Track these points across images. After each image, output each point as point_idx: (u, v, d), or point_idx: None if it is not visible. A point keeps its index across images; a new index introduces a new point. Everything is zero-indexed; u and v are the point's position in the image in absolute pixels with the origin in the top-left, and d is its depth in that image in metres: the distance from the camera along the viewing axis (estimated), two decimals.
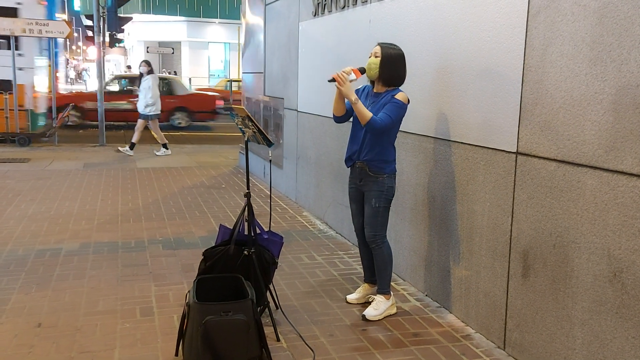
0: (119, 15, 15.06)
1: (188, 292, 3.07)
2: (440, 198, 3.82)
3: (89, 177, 8.21)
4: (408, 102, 3.50)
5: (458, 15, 3.58)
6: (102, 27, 14.12)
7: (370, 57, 3.56)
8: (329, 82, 3.57)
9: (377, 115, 3.44)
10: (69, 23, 12.31)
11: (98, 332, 3.35)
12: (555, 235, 2.84)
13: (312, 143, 6.21)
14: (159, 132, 10.52)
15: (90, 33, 15.66)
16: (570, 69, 2.73)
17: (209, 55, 35.96)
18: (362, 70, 3.58)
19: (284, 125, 7.19)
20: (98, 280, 4.17)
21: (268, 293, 3.53)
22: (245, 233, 3.49)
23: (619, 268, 2.50)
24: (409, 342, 3.34)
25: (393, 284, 3.98)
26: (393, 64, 3.53)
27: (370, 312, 3.63)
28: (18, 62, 11.08)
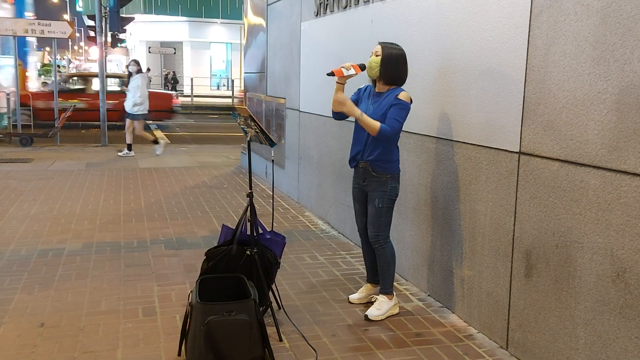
0: (121, 16, 15.08)
1: (190, 292, 3.07)
2: (443, 198, 3.81)
3: (91, 177, 8.22)
4: (411, 101, 3.50)
5: (460, 15, 3.58)
6: (104, 27, 14.12)
7: (371, 56, 3.56)
8: (328, 75, 3.57)
9: (379, 115, 3.44)
10: (71, 23, 12.33)
11: (101, 332, 3.35)
12: (558, 235, 2.84)
13: (314, 143, 6.21)
14: (144, 132, 10.41)
15: (93, 33, 15.67)
16: (573, 69, 2.72)
17: (211, 56, 35.98)
18: (362, 67, 3.57)
19: (286, 125, 7.19)
20: (100, 280, 4.18)
21: (270, 293, 3.53)
22: (248, 233, 3.49)
23: (622, 268, 2.49)
24: (412, 342, 3.34)
25: (395, 284, 3.98)
26: (394, 63, 3.52)
27: (373, 312, 3.63)
28: None
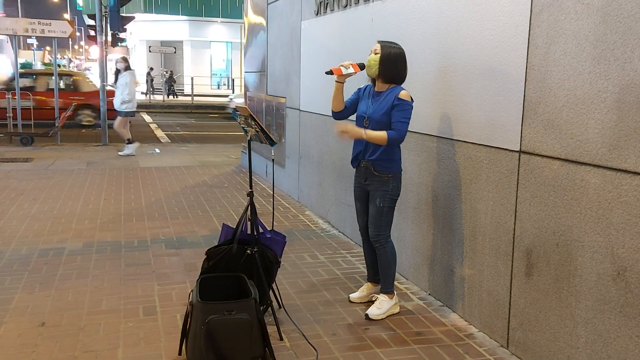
0: (121, 15, 15.07)
1: (191, 291, 3.07)
2: (443, 197, 3.81)
3: (92, 176, 8.22)
4: (412, 99, 3.50)
5: (461, 14, 3.57)
6: (104, 26, 14.12)
7: (371, 54, 3.56)
8: (327, 74, 3.57)
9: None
10: (72, 22, 12.33)
11: (101, 331, 3.35)
12: (559, 234, 2.84)
13: (314, 142, 6.21)
14: (123, 130, 10.31)
15: (93, 32, 15.66)
16: (574, 68, 2.72)
17: (211, 55, 35.96)
18: (361, 66, 3.57)
19: (286, 124, 7.19)
20: (101, 280, 4.18)
21: (271, 292, 3.53)
22: (248, 232, 3.49)
23: (623, 267, 2.49)
24: (412, 341, 3.34)
25: (396, 283, 3.98)
26: (393, 62, 3.51)
27: (374, 311, 3.63)
28: None
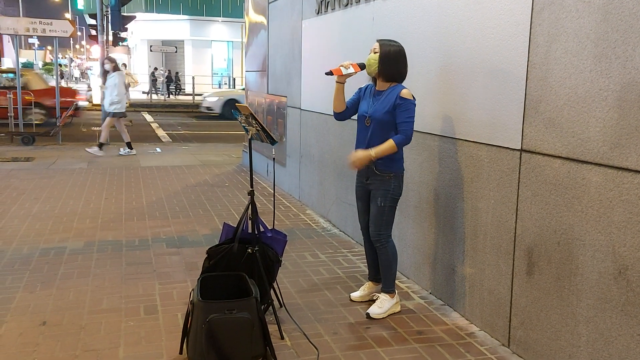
0: (122, 14, 15.05)
1: (192, 290, 3.07)
2: (445, 196, 3.81)
3: (93, 175, 8.23)
4: (414, 97, 3.49)
5: (462, 12, 3.57)
6: (105, 26, 14.12)
7: (370, 53, 3.55)
8: (327, 75, 3.57)
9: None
10: (73, 22, 12.34)
11: (102, 330, 3.36)
12: (560, 233, 2.84)
13: (315, 141, 6.21)
14: (107, 130, 10.21)
15: (94, 32, 15.65)
16: (575, 66, 2.72)
17: (212, 54, 35.97)
18: (361, 66, 3.57)
19: (287, 123, 7.19)
20: (102, 279, 4.18)
21: (272, 291, 3.53)
22: (249, 231, 3.49)
23: (624, 265, 2.49)
24: (413, 340, 3.34)
25: (397, 282, 3.98)
26: (392, 60, 3.50)
27: (375, 310, 3.62)
28: None
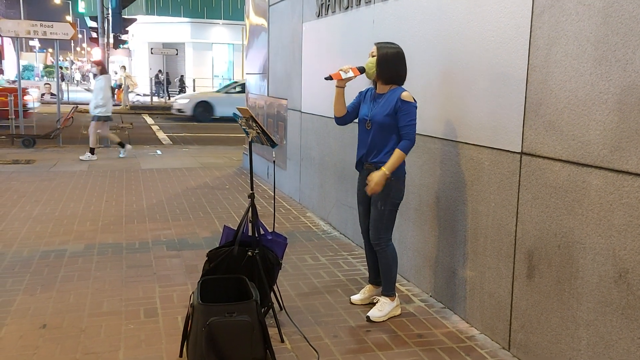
0: (123, 17, 15.11)
1: (192, 293, 3.07)
2: (445, 198, 3.81)
3: (94, 178, 8.23)
4: (414, 100, 3.49)
5: (462, 15, 3.57)
6: (106, 28, 14.15)
7: (369, 57, 3.55)
8: (326, 79, 3.57)
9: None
10: (74, 24, 12.35)
11: (103, 333, 3.35)
12: (560, 236, 2.83)
13: (315, 144, 6.21)
14: (95, 134, 9.99)
15: (95, 34, 15.68)
16: (575, 69, 2.72)
17: (213, 57, 35.99)
18: (361, 70, 3.56)
19: (288, 126, 7.19)
20: (102, 282, 4.18)
21: (272, 294, 3.52)
22: (249, 234, 3.49)
23: (625, 269, 2.49)
24: (414, 343, 3.33)
25: (397, 285, 3.98)
26: (391, 62, 3.49)
27: (375, 313, 3.62)
28: None
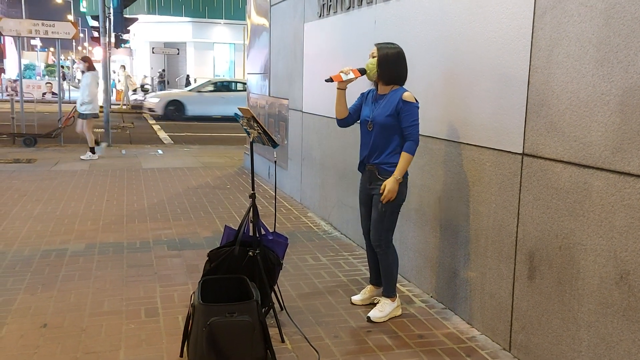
0: (125, 16, 15.04)
1: (193, 293, 3.07)
2: (446, 199, 3.81)
3: (95, 177, 8.24)
4: (416, 100, 3.48)
5: (464, 16, 3.57)
6: (107, 28, 14.13)
7: (369, 58, 3.55)
8: (326, 81, 3.56)
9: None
10: (75, 24, 12.37)
11: (103, 332, 3.36)
12: (562, 237, 2.83)
13: (317, 144, 6.21)
14: (91, 133, 9.96)
15: (96, 34, 15.66)
16: (577, 70, 2.71)
17: (214, 56, 36.01)
18: (362, 71, 3.55)
19: (289, 126, 7.19)
20: (103, 281, 4.18)
21: (273, 294, 3.53)
22: (250, 234, 3.49)
23: (626, 270, 2.48)
24: (414, 343, 3.33)
25: (398, 285, 3.97)
26: (391, 63, 3.49)
27: (375, 313, 3.62)
28: None
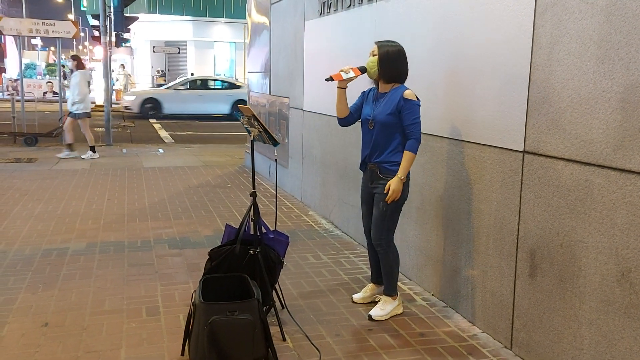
0: (125, 15, 15.04)
1: (194, 291, 3.07)
2: (447, 197, 3.80)
3: (96, 176, 8.24)
4: (417, 98, 3.47)
5: (465, 14, 3.56)
6: (108, 27, 14.13)
7: (369, 56, 3.54)
8: (327, 80, 3.56)
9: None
10: (76, 23, 12.36)
11: (104, 331, 3.36)
12: (563, 235, 2.83)
13: (317, 142, 6.21)
14: (89, 132, 9.90)
15: (97, 33, 15.67)
16: (578, 67, 2.71)
17: (215, 55, 35.97)
18: (362, 69, 3.55)
19: (290, 125, 7.19)
20: (104, 280, 4.18)
21: (274, 292, 3.53)
22: (251, 232, 3.49)
23: (627, 267, 2.48)
24: (415, 342, 3.33)
25: (399, 284, 3.97)
26: (392, 60, 3.48)
27: (377, 312, 3.62)
28: None
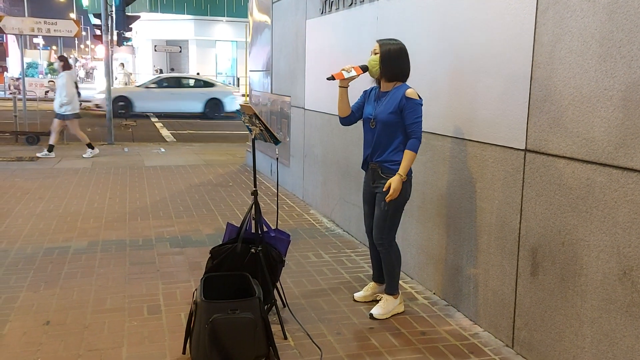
0: (127, 14, 15.04)
1: (195, 290, 3.07)
2: (448, 196, 3.80)
3: (97, 175, 8.25)
4: (419, 97, 3.47)
5: (466, 12, 3.56)
6: (110, 25, 14.14)
7: (371, 55, 3.53)
8: (328, 79, 3.55)
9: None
10: (77, 22, 12.37)
11: (106, 330, 3.36)
12: (564, 233, 2.82)
13: (319, 141, 6.20)
14: (80, 132, 9.88)
15: (98, 32, 15.70)
16: (580, 66, 2.70)
17: (217, 54, 35.98)
18: (363, 68, 3.53)
19: (291, 123, 7.19)
20: (106, 279, 4.19)
21: (275, 291, 3.53)
22: (253, 231, 3.49)
23: (629, 266, 2.47)
24: (417, 340, 3.33)
25: (401, 282, 3.97)
26: (394, 59, 3.46)
27: (378, 310, 3.62)
28: None
